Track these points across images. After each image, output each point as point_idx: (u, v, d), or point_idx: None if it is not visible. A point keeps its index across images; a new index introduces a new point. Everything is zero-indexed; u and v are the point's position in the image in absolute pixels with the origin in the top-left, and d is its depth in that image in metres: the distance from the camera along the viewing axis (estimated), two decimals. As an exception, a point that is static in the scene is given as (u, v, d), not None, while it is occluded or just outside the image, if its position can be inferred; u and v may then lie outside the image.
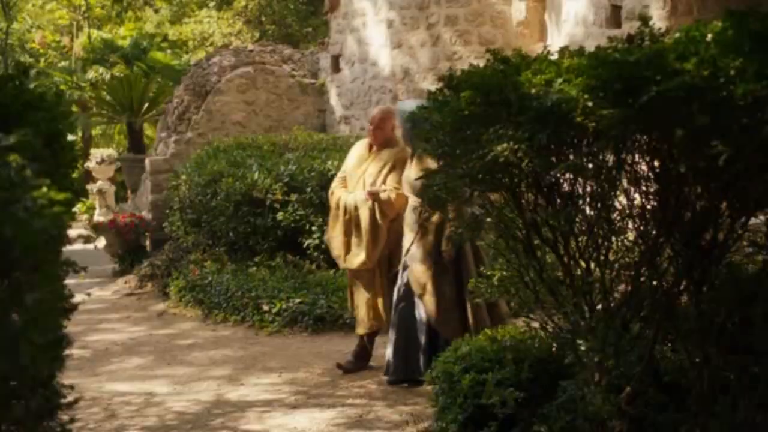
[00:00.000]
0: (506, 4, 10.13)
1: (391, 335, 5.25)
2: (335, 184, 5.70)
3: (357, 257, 5.45)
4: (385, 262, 5.50)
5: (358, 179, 5.51)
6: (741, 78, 2.39)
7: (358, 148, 5.69)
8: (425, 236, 5.06)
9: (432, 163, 4.86)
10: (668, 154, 2.88)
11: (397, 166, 5.36)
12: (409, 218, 5.16)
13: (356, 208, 5.44)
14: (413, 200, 5.10)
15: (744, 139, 2.52)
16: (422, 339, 5.10)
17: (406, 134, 5.13)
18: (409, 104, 5.28)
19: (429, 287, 5.03)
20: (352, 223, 5.46)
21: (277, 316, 7.04)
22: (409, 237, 5.13)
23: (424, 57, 10.60)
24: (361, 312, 5.53)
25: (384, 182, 5.41)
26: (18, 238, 1.16)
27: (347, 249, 5.51)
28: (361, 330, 5.61)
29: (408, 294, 5.18)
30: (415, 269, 5.08)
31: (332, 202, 5.64)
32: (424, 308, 5.06)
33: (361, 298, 5.53)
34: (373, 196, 5.35)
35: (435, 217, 4.97)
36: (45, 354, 1.24)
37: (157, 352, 6.64)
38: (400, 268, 5.25)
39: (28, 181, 1.29)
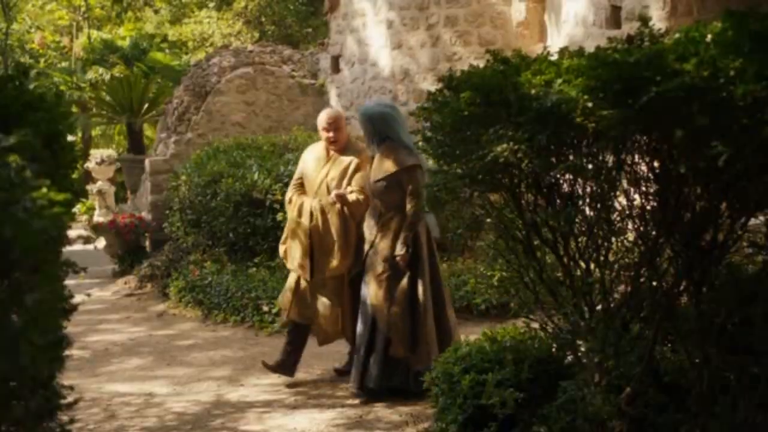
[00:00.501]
0: (506, 4, 10.13)
1: (356, 335, 5.16)
2: (292, 192, 5.46)
3: (328, 264, 5.23)
4: (350, 266, 5.31)
5: (320, 184, 5.31)
6: (741, 78, 2.39)
7: (314, 153, 5.47)
8: (383, 240, 4.99)
9: (392, 166, 4.92)
10: (668, 155, 2.88)
11: (360, 168, 5.25)
12: (369, 219, 5.11)
13: (324, 213, 5.24)
14: (373, 202, 5.09)
15: (744, 140, 2.52)
16: (364, 341, 5.02)
17: (369, 136, 5.07)
18: (371, 106, 5.25)
19: (381, 294, 4.94)
20: (319, 230, 5.23)
21: (277, 316, 7.04)
22: (371, 237, 5.07)
23: (424, 57, 10.60)
24: (327, 322, 5.33)
25: (349, 185, 5.26)
26: (18, 239, 1.16)
27: (311, 258, 5.27)
28: (325, 342, 5.47)
29: (366, 295, 5.10)
30: (371, 271, 5.00)
31: (292, 209, 5.39)
32: (375, 314, 4.97)
33: (328, 307, 5.30)
34: (341, 198, 5.20)
35: (393, 222, 4.93)
36: (45, 354, 1.24)
37: (157, 353, 6.64)
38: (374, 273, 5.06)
39: (28, 181, 1.29)
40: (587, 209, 3.20)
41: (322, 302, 5.29)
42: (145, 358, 6.49)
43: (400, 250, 4.90)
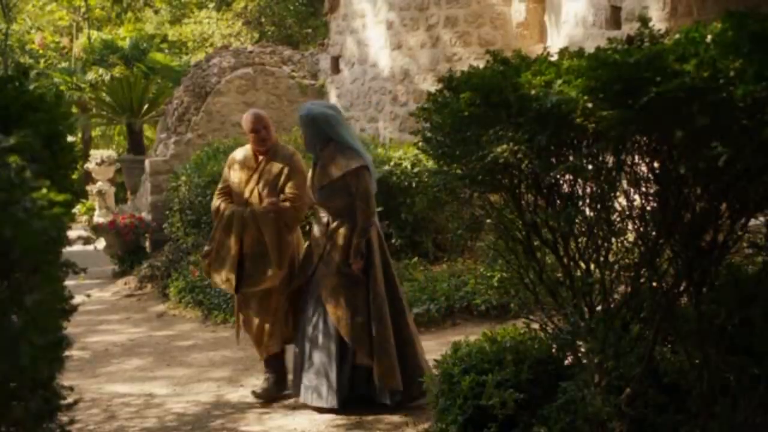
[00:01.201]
0: (506, 5, 10.14)
1: (298, 352, 4.91)
2: (219, 200, 5.09)
3: (262, 276, 4.91)
4: (285, 278, 5.00)
5: (251, 191, 4.98)
6: (741, 79, 2.40)
7: (240, 158, 5.10)
8: (334, 250, 4.73)
9: (337, 170, 4.67)
10: (668, 156, 2.88)
11: (293, 172, 4.95)
12: (317, 229, 4.87)
13: (257, 223, 4.90)
14: (320, 210, 4.84)
15: (744, 140, 2.52)
16: (332, 355, 4.75)
17: (312, 139, 4.79)
18: (312, 107, 4.96)
19: (342, 302, 4.69)
20: (251, 241, 4.91)
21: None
22: (318, 248, 4.81)
23: (424, 58, 10.60)
24: (261, 334, 5.04)
25: (282, 191, 4.95)
26: (18, 239, 1.16)
27: (242, 270, 4.94)
28: (264, 354, 5.13)
29: (317, 309, 4.82)
30: (326, 283, 4.75)
31: (220, 220, 5.04)
32: (338, 326, 4.71)
33: (258, 320, 5.02)
34: (276, 207, 4.89)
35: (342, 229, 4.72)
36: (45, 355, 1.24)
37: (157, 354, 6.63)
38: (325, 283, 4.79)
39: (28, 182, 1.29)
40: (587, 210, 3.20)
41: (257, 315, 5.03)
42: (145, 359, 6.49)
43: (354, 258, 4.66)
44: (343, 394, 4.74)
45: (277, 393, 5.10)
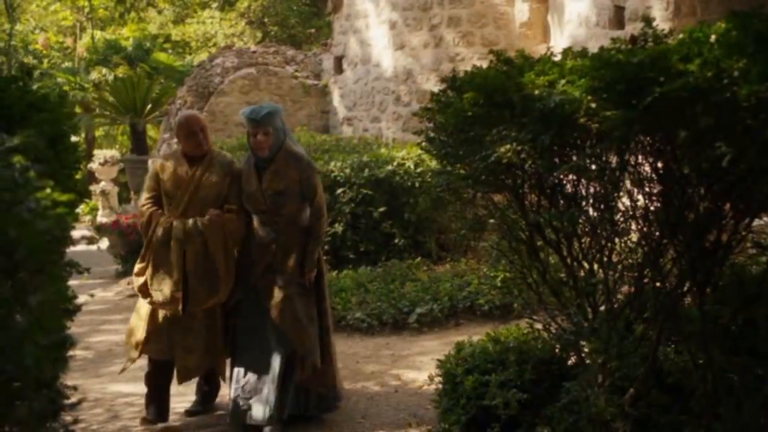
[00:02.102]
0: (509, 5, 10.13)
1: (238, 369, 4.55)
2: (149, 212, 4.59)
3: (210, 293, 4.49)
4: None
5: (189, 202, 4.52)
6: (745, 79, 2.39)
7: (171, 166, 4.60)
8: (287, 259, 4.46)
9: (296, 174, 4.41)
10: (672, 156, 2.87)
11: (235, 181, 4.55)
12: (262, 241, 4.50)
13: (204, 236, 4.45)
14: (261, 217, 4.49)
15: (748, 141, 2.52)
16: (276, 371, 4.42)
17: (274, 141, 4.44)
18: (272, 105, 4.63)
19: (296, 313, 4.44)
20: (197, 255, 4.45)
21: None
22: (264, 257, 4.49)
23: (427, 58, 10.60)
24: (193, 356, 4.60)
25: (227, 201, 4.54)
26: (22, 239, 1.16)
27: (185, 288, 4.47)
28: (186, 379, 4.71)
29: (261, 322, 4.49)
30: (275, 294, 4.45)
31: (155, 234, 4.52)
32: (290, 336, 4.43)
33: (196, 340, 4.58)
34: (222, 218, 4.49)
35: (295, 236, 4.47)
36: (49, 355, 1.24)
37: (160, 353, 6.63)
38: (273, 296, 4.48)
39: (32, 182, 1.29)
40: (590, 210, 3.20)
41: (189, 335, 4.57)
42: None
43: (309, 267, 4.47)
44: (285, 410, 4.47)
45: (210, 408, 4.90)
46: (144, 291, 4.61)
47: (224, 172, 4.58)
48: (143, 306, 4.69)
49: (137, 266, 4.68)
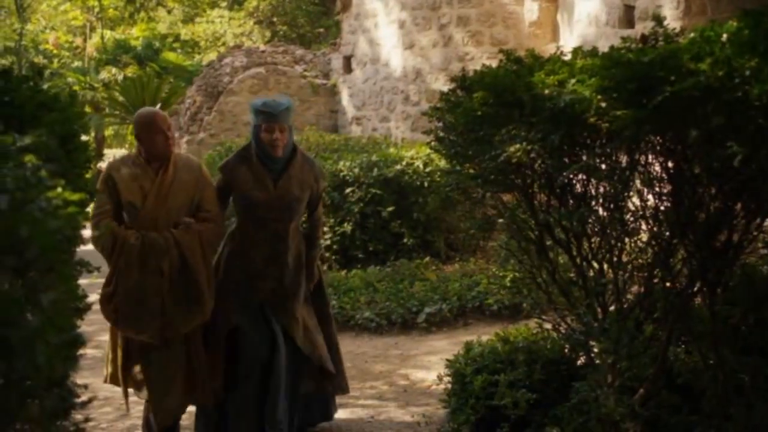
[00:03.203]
0: (518, 4, 10.11)
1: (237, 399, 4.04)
2: (109, 226, 3.82)
3: (192, 312, 3.89)
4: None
5: (156, 213, 3.88)
6: (757, 78, 2.38)
7: (128, 171, 3.92)
8: (299, 271, 4.09)
9: (312, 179, 4.00)
10: (682, 155, 2.86)
11: (206, 186, 4.02)
12: (264, 253, 4.03)
13: (182, 250, 3.87)
14: (271, 228, 3.99)
15: (759, 140, 2.51)
16: (281, 388, 4.01)
17: (289, 142, 4.00)
18: (287, 99, 4.17)
19: (309, 330, 4.12)
20: (173, 271, 3.85)
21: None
22: (272, 278, 4.03)
23: (436, 58, 10.59)
24: (176, 392, 3.97)
25: (200, 209, 3.99)
26: (34, 239, 1.17)
27: (162, 310, 3.85)
28: (182, 412, 4.11)
29: (266, 343, 4.01)
30: (293, 310, 4.05)
31: (125, 251, 3.83)
32: (308, 351, 4.08)
33: (178, 372, 3.95)
34: (199, 227, 3.93)
35: (301, 247, 4.12)
36: (60, 354, 1.25)
37: (170, 352, 6.64)
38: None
39: (44, 181, 1.30)
40: (600, 210, 3.19)
41: (168, 367, 3.95)
42: (158, 358, 6.50)
43: (312, 277, 4.17)
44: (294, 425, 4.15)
45: None
46: (115, 319, 3.94)
47: (194, 177, 4.00)
48: (114, 335, 4.08)
49: (103, 291, 3.92)
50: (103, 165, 16.02)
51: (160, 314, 3.85)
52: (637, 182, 3.08)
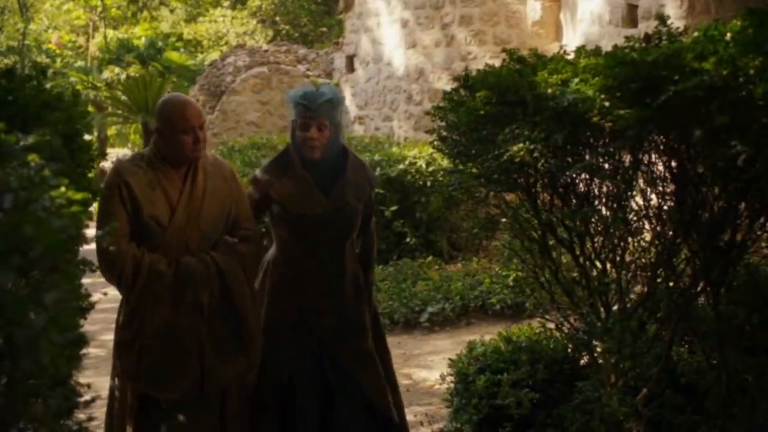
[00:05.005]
0: (521, 3, 10.11)
1: None
2: (131, 253, 2.91)
3: (232, 363, 3.03)
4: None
5: (188, 232, 2.99)
6: (761, 77, 2.37)
7: (143, 177, 2.98)
8: (360, 302, 3.29)
9: (367, 186, 3.29)
10: (686, 155, 2.86)
11: (242, 196, 3.17)
12: (320, 280, 3.21)
13: (223, 277, 3.00)
14: (323, 250, 3.19)
15: (763, 139, 2.50)
16: None
17: (331, 142, 3.20)
18: (326, 86, 3.49)
19: (378, 378, 3.29)
20: (214, 308, 2.99)
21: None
22: (333, 310, 3.23)
23: (439, 57, 10.59)
24: None
25: (237, 224, 3.12)
26: (38, 238, 1.17)
27: (200, 354, 2.96)
28: None
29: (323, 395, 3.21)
30: (356, 347, 3.27)
31: (153, 283, 2.92)
32: (376, 398, 3.26)
33: None
34: (240, 248, 3.09)
35: (357, 268, 3.32)
36: (63, 353, 1.25)
37: (172, 351, 6.65)
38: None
39: (47, 180, 1.30)
40: (603, 209, 3.18)
41: (197, 430, 3.00)
42: (161, 357, 6.51)
43: (371, 304, 3.39)
44: None
45: None
46: (133, 373, 3.00)
47: (227, 184, 3.12)
48: (124, 394, 3.09)
49: (120, 335, 3.07)
50: (104, 165, 16.02)
51: (198, 365, 2.95)
52: (641, 182, 3.08)
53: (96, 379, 5.55)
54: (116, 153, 16.27)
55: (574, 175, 3.11)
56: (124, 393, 3.05)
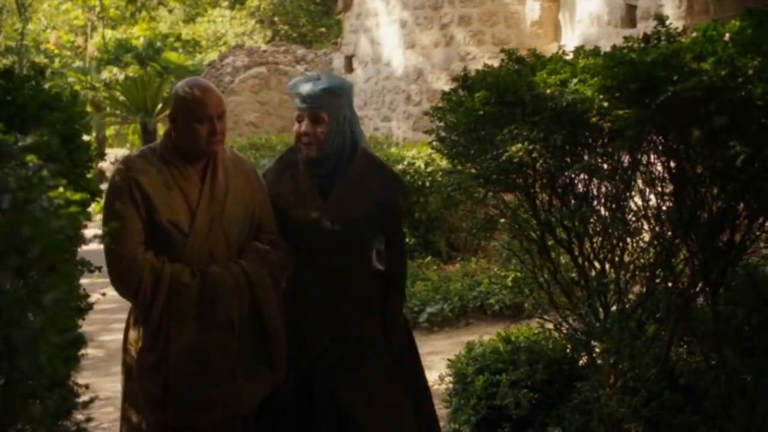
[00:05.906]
0: (520, 3, 10.11)
1: None
2: (149, 263, 2.59)
3: (261, 384, 2.70)
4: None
5: (211, 237, 2.66)
6: (760, 77, 2.37)
7: (155, 174, 2.64)
8: (375, 320, 2.89)
9: (382, 189, 2.87)
10: (685, 155, 2.86)
11: (265, 196, 2.82)
12: (337, 292, 2.81)
13: (252, 289, 2.67)
14: (322, 263, 2.79)
15: (762, 140, 2.50)
16: None
17: (333, 137, 2.80)
18: (333, 77, 3.00)
19: (388, 401, 2.90)
20: (242, 322, 2.65)
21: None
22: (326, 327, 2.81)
23: (438, 57, 10.59)
24: None
25: (260, 228, 2.79)
26: (36, 238, 1.17)
27: (231, 377, 2.62)
28: None
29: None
30: (358, 384, 2.83)
31: (176, 294, 2.59)
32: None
33: None
34: (268, 256, 2.74)
35: (379, 286, 2.90)
36: (62, 354, 1.25)
37: (171, 352, 6.64)
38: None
39: (46, 181, 1.30)
40: (602, 209, 3.18)
41: None
42: (159, 357, 6.50)
43: (396, 332, 2.95)
44: None
45: None
46: (158, 402, 2.60)
47: (250, 183, 2.78)
48: (134, 416, 2.67)
49: (141, 359, 2.62)
50: (103, 165, 16.00)
51: (230, 387, 2.61)
52: (639, 182, 3.08)
53: (94, 379, 5.54)
54: (115, 153, 16.25)
55: (572, 176, 3.11)
56: (140, 424, 2.66)
